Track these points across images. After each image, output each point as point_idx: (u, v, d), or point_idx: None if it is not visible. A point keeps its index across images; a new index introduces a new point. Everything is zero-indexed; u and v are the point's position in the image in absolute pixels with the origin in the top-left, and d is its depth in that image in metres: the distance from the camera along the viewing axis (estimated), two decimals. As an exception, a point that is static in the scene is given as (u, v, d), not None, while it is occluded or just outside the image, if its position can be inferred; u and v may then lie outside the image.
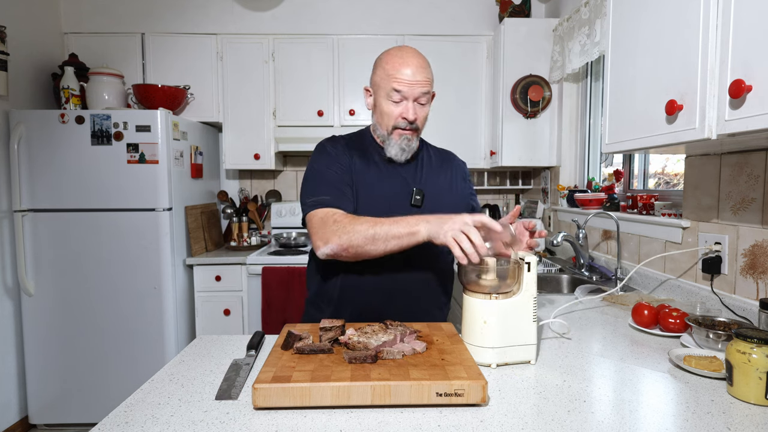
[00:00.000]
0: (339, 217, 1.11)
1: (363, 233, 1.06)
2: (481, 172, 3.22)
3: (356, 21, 2.93)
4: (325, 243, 1.09)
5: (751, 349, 0.82)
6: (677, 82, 1.10)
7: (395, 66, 1.18)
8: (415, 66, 1.18)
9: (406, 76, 1.17)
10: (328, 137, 1.32)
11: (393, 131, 1.22)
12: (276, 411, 0.79)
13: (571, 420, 0.76)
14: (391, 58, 1.20)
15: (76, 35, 2.83)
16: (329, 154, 1.24)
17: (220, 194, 3.11)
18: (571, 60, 2.43)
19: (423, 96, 1.20)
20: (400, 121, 1.20)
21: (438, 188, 1.29)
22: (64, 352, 2.41)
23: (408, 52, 1.21)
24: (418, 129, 1.24)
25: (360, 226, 1.07)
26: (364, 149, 1.28)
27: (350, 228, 1.07)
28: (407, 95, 1.18)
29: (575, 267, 2.26)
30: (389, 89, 1.18)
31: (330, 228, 1.09)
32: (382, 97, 1.21)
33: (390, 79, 1.18)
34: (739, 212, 1.36)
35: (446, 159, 1.38)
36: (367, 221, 1.08)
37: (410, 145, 1.24)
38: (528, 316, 0.97)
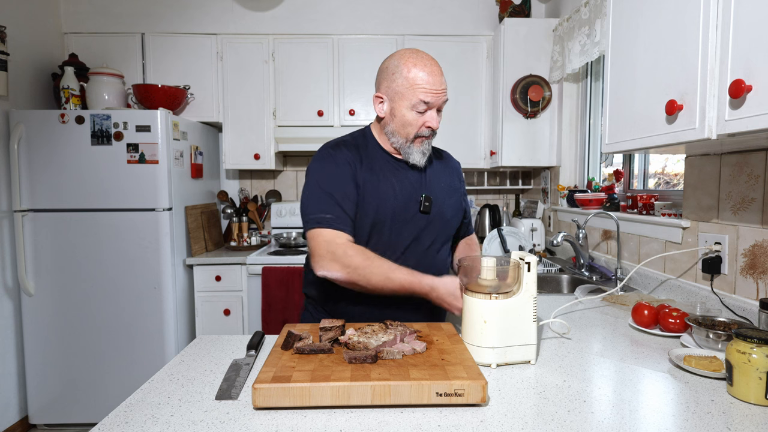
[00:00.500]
0: (350, 249, 1.11)
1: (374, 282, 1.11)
2: (481, 172, 3.22)
3: (356, 21, 2.93)
4: (330, 271, 1.11)
5: (751, 349, 0.82)
6: (677, 82, 1.10)
7: (420, 75, 1.15)
8: (438, 75, 1.17)
9: (432, 85, 1.15)
10: (332, 143, 1.25)
11: (415, 139, 1.21)
12: (276, 411, 0.79)
13: (571, 420, 0.76)
14: (414, 66, 1.16)
15: (76, 35, 2.83)
16: (335, 164, 1.19)
17: (220, 194, 3.11)
18: (571, 60, 2.43)
19: (443, 104, 1.21)
20: (423, 130, 1.20)
21: (442, 192, 1.30)
22: (64, 352, 2.41)
23: (430, 61, 1.18)
24: (435, 134, 1.25)
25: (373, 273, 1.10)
26: (371, 155, 1.25)
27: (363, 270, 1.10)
28: (433, 105, 1.18)
29: (575, 267, 2.26)
30: (416, 100, 1.16)
31: (340, 260, 1.10)
32: (404, 107, 1.18)
33: (416, 89, 1.15)
34: (739, 212, 1.36)
35: (444, 160, 1.39)
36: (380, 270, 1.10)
37: (429, 149, 1.26)
38: (528, 316, 0.97)
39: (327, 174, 1.18)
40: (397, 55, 1.20)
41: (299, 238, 2.85)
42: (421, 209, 1.23)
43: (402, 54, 1.20)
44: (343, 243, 1.12)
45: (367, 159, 1.24)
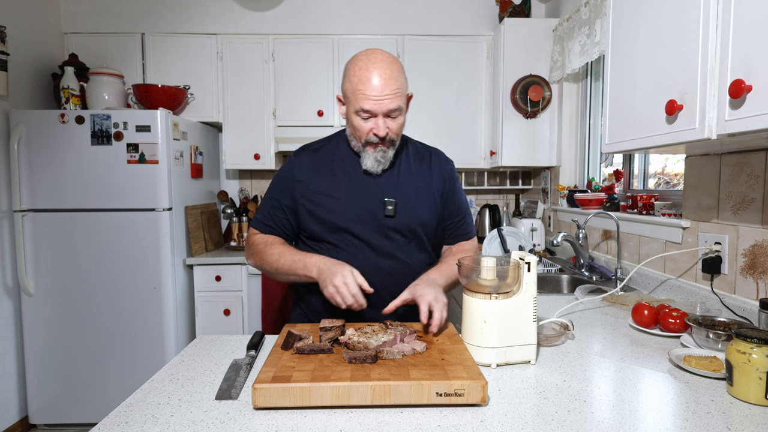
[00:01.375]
0: (257, 239, 1.28)
1: (269, 264, 1.23)
2: (481, 172, 3.22)
3: (356, 21, 2.93)
4: (247, 259, 1.33)
5: (751, 349, 0.82)
6: (677, 82, 1.09)
7: (362, 80, 1.10)
8: (384, 78, 1.09)
9: (374, 92, 1.09)
10: (301, 148, 1.30)
11: (366, 145, 1.18)
12: (276, 411, 0.79)
13: (571, 420, 0.76)
14: (358, 68, 1.11)
15: (76, 35, 2.83)
16: (281, 174, 1.28)
17: (220, 194, 3.11)
18: (571, 60, 2.43)
19: (394, 111, 1.13)
20: (371, 137, 1.15)
21: (414, 195, 1.25)
22: (64, 352, 2.41)
23: (377, 64, 1.11)
24: (393, 141, 1.18)
25: (268, 257, 1.22)
26: (337, 159, 1.25)
27: (261, 255, 1.24)
28: (375, 112, 1.12)
29: (575, 267, 2.26)
30: (357, 107, 1.12)
31: (249, 249, 1.29)
32: (351, 112, 1.15)
33: (357, 95, 1.11)
34: (739, 212, 1.36)
35: (426, 159, 1.31)
36: (272, 254, 1.21)
37: (386, 156, 1.19)
38: (528, 316, 0.97)
39: (276, 179, 1.31)
40: (355, 55, 1.16)
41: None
42: (385, 213, 1.21)
43: (356, 55, 1.16)
44: (255, 236, 1.29)
45: (332, 163, 1.25)
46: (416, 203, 1.25)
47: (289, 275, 1.20)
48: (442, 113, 2.92)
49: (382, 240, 1.22)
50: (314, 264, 1.14)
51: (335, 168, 1.25)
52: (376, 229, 1.22)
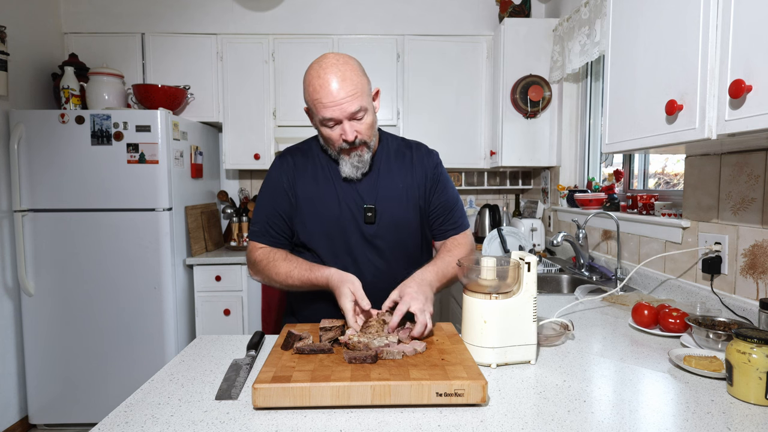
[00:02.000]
0: (260, 254, 1.22)
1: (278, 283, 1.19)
2: (481, 172, 3.22)
3: (356, 21, 2.93)
4: (252, 276, 1.27)
5: (751, 349, 0.82)
6: (677, 82, 1.09)
7: (316, 88, 1.07)
8: (337, 81, 1.06)
9: (331, 99, 1.06)
10: (285, 150, 1.30)
11: (341, 152, 1.16)
12: (276, 411, 0.79)
13: (571, 420, 0.76)
14: (311, 78, 1.09)
15: (76, 35, 2.83)
16: (271, 178, 1.26)
17: (220, 194, 3.11)
18: (571, 60, 2.43)
19: (357, 112, 1.09)
20: (342, 144, 1.13)
21: (395, 197, 1.23)
22: (64, 352, 2.41)
23: (326, 67, 1.08)
24: (366, 143, 1.15)
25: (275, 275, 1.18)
26: (316, 164, 1.24)
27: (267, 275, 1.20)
28: (339, 118, 1.09)
29: (575, 267, 2.26)
30: (320, 117, 1.10)
31: (253, 266, 1.25)
32: (317, 123, 1.14)
33: (316, 105, 1.08)
34: (739, 212, 1.36)
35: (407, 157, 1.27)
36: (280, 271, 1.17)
37: (363, 160, 1.17)
38: (528, 316, 0.97)
39: (265, 186, 1.27)
40: (309, 66, 1.12)
41: (299, 238, 2.85)
42: (365, 220, 1.20)
43: (310, 65, 1.12)
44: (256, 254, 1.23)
45: (313, 167, 1.24)
46: (397, 206, 1.22)
47: (301, 287, 1.18)
48: (442, 113, 2.92)
49: (364, 246, 1.22)
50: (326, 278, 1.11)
51: (316, 173, 1.23)
52: (358, 236, 1.21)
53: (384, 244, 1.23)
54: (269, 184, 1.26)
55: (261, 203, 1.26)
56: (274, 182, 1.25)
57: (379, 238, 1.22)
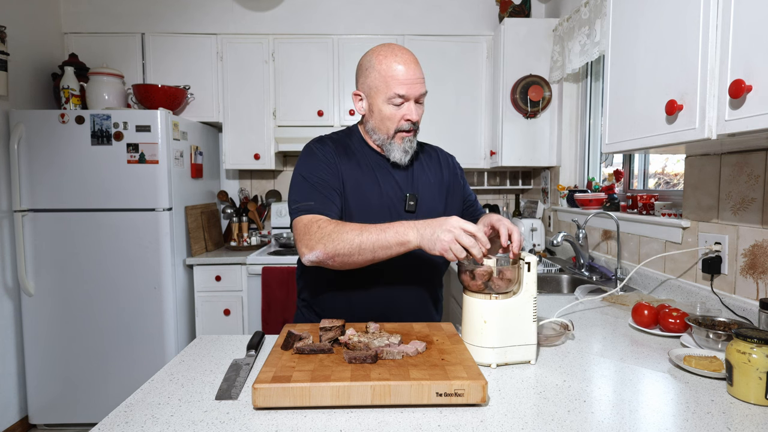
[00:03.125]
0: (323, 223, 1.07)
1: (349, 242, 1.02)
2: (481, 172, 3.22)
3: (356, 21, 2.93)
4: (311, 250, 1.05)
5: (751, 349, 0.82)
6: (677, 82, 1.10)
7: (393, 66, 1.13)
8: (413, 65, 1.15)
9: (406, 76, 1.13)
10: (316, 138, 1.27)
11: (395, 135, 1.18)
12: (276, 411, 0.79)
13: (571, 420, 0.76)
14: (385, 58, 1.15)
15: (76, 35, 2.83)
16: (317, 157, 1.19)
17: (220, 194, 3.11)
18: (571, 60, 2.43)
19: (422, 96, 1.18)
20: (403, 124, 1.17)
21: (430, 189, 1.27)
22: (64, 352, 2.41)
23: (402, 52, 1.16)
24: (418, 129, 1.22)
25: (347, 234, 1.02)
26: (355, 152, 1.23)
27: (336, 236, 1.03)
28: (409, 96, 1.15)
29: (575, 267, 2.26)
30: (390, 93, 1.14)
31: (315, 235, 1.05)
32: (381, 102, 1.16)
33: (390, 81, 1.13)
34: (739, 212, 1.36)
35: (433, 155, 1.35)
36: (353, 228, 1.03)
37: (412, 146, 1.21)
38: (528, 316, 0.97)
39: (309, 166, 1.18)
40: (372, 50, 1.19)
41: (299, 238, 2.85)
42: (405, 208, 1.21)
43: (375, 49, 1.19)
44: (317, 222, 1.08)
45: (352, 155, 1.23)
46: (432, 198, 1.26)
47: (375, 252, 1.02)
48: (442, 113, 2.92)
49: None
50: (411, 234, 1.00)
51: (356, 160, 1.23)
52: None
53: None
54: (315, 160, 1.18)
55: (307, 178, 1.16)
56: (320, 159, 1.18)
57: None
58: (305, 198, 1.14)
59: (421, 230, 0.99)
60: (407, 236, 0.99)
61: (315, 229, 1.06)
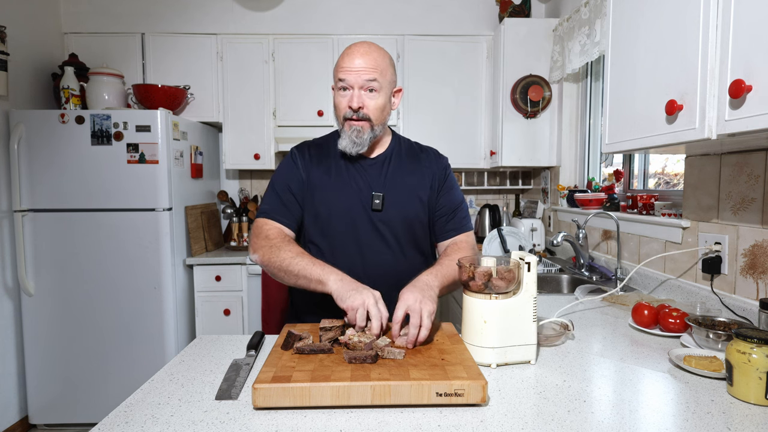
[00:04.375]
0: (273, 233, 1.18)
1: (281, 261, 1.11)
2: (481, 172, 3.22)
3: (356, 21, 2.93)
4: (253, 252, 1.18)
5: (751, 349, 0.82)
6: (677, 82, 1.10)
7: (343, 57, 1.19)
8: (361, 54, 1.17)
9: (349, 65, 1.17)
10: (299, 143, 1.33)
11: (344, 123, 1.21)
12: (276, 411, 0.79)
13: (571, 420, 0.76)
14: (343, 52, 1.22)
15: (76, 35, 2.83)
16: (287, 164, 1.28)
17: (220, 194, 3.11)
18: (571, 60, 2.43)
19: (369, 83, 1.16)
20: (347, 111, 1.19)
21: (404, 190, 1.25)
22: (64, 352, 2.41)
23: (358, 44, 1.21)
24: (369, 120, 1.19)
25: (282, 253, 1.11)
26: (330, 153, 1.28)
27: (275, 250, 1.13)
28: (352, 84, 1.17)
29: (575, 267, 2.26)
30: (336, 80, 1.20)
31: (261, 241, 1.17)
32: (335, 92, 1.22)
33: (337, 70, 1.19)
34: (739, 212, 1.36)
35: (418, 158, 1.31)
36: (291, 251, 1.12)
37: (361, 137, 1.19)
38: (528, 316, 0.97)
39: (278, 172, 1.28)
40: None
41: (299, 238, 2.85)
42: (372, 207, 1.22)
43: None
44: (267, 228, 1.19)
45: (326, 159, 1.28)
46: (406, 199, 1.25)
47: (298, 278, 1.08)
48: (442, 113, 2.92)
49: (371, 234, 1.23)
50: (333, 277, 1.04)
51: (329, 162, 1.27)
52: (365, 223, 1.22)
53: (390, 234, 1.24)
54: (286, 168, 1.28)
55: (278, 184, 1.26)
56: (291, 167, 1.27)
57: (386, 225, 1.23)
58: (266, 201, 1.25)
59: (343, 282, 1.03)
60: (327, 279, 1.04)
61: (263, 236, 1.18)
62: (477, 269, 0.97)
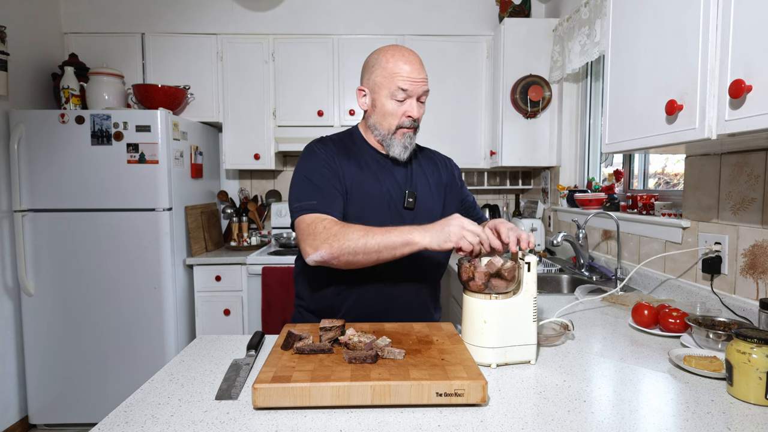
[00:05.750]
0: (328, 223, 1.08)
1: (355, 242, 1.03)
2: (481, 172, 3.22)
3: (356, 21, 2.93)
4: (315, 250, 1.06)
5: (751, 349, 0.82)
6: (677, 82, 1.09)
7: (398, 64, 1.18)
8: (417, 64, 1.20)
9: (410, 73, 1.17)
10: (317, 138, 1.28)
11: (396, 131, 1.21)
12: (276, 411, 0.79)
13: (571, 420, 0.76)
14: (392, 56, 1.19)
15: (76, 35, 2.83)
16: (319, 157, 1.20)
17: (220, 194, 3.11)
18: (571, 60, 2.43)
19: (424, 94, 1.21)
20: (404, 120, 1.20)
21: (427, 188, 1.29)
22: (64, 352, 2.41)
23: (407, 51, 1.22)
24: (418, 127, 1.25)
25: (352, 235, 1.03)
26: (355, 150, 1.26)
27: (342, 236, 1.04)
28: (412, 93, 1.18)
29: (575, 267, 2.26)
30: (394, 88, 1.17)
31: (320, 235, 1.06)
32: (384, 97, 1.19)
33: (394, 77, 1.17)
34: (739, 212, 1.36)
35: (431, 157, 1.38)
36: (358, 229, 1.04)
37: (412, 143, 1.24)
38: (528, 316, 0.97)
39: (311, 166, 1.19)
40: (379, 49, 1.24)
41: (299, 238, 2.85)
42: (404, 205, 1.23)
43: (383, 48, 1.24)
44: (321, 223, 1.09)
45: (353, 154, 1.25)
46: (431, 198, 1.29)
47: (380, 252, 1.04)
48: (442, 113, 2.92)
49: None
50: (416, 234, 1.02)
51: (357, 158, 1.25)
52: (397, 220, 1.22)
53: None
54: (313, 161, 1.20)
55: (309, 178, 1.17)
56: (318, 158, 1.20)
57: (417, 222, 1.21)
58: (308, 197, 1.14)
59: (426, 230, 1.02)
60: (412, 237, 1.02)
61: (320, 230, 1.07)
62: (477, 269, 0.97)
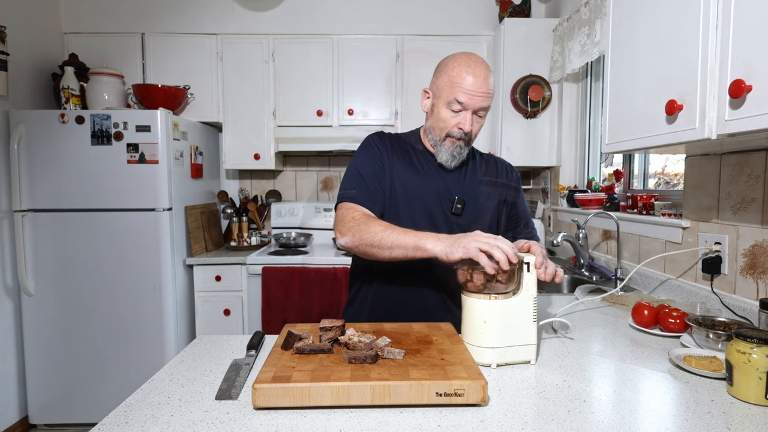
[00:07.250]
0: (358, 215, 1.14)
1: (373, 236, 1.08)
2: (481, 172, 3.22)
3: (356, 21, 2.93)
4: (342, 235, 1.14)
5: (751, 349, 0.82)
6: (677, 82, 1.09)
7: (462, 74, 1.16)
8: (482, 77, 1.16)
9: (471, 86, 1.15)
10: (378, 131, 1.31)
11: (446, 138, 1.21)
12: (276, 411, 0.79)
13: (571, 420, 0.76)
14: (458, 65, 1.17)
15: (76, 35, 2.83)
16: (370, 150, 1.25)
17: (220, 194, 3.11)
18: (571, 60, 2.43)
19: (483, 110, 1.19)
20: (455, 131, 1.19)
21: (481, 198, 1.27)
22: (64, 352, 2.41)
23: (475, 61, 1.18)
24: (471, 140, 1.23)
25: (373, 228, 1.09)
26: (411, 150, 1.27)
27: (364, 228, 1.10)
28: (468, 106, 1.17)
29: (575, 267, 2.26)
30: (451, 98, 1.17)
31: (348, 223, 1.14)
32: (441, 104, 1.19)
33: (454, 87, 1.16)
34: (739, 212, 1.36)
35: (492, 164, 1.34)
36: (380, 225, 1.09)
37: (461, 153, 1.23)
38: (528, 316, 0.97)
39: (361, 157, 1.24)
40: (452, 55, 1.23)
41: (299, 238, 2.85)
42: (452, 210, 1.23)
43: (455, 54, 1.22)
44: (352, 212, 1.15)
45: (407, 152, 1.27)
46: (482, 205, 1.27)
47: (392, 250, 1.06)
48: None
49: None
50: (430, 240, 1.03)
51: (411, 156, 1.26)
52: (443, 224, 1.23)
53: None
54: (365, 152, 1.25)
55: (357, 168, 1.23)
56: (370, 150, 1.25)
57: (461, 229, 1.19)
58: (351, 186, 1.21)
59: (439, 239, 1.02)
60: (424, 243, 1.03)
61: (350, 218, 1.14)
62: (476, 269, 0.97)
